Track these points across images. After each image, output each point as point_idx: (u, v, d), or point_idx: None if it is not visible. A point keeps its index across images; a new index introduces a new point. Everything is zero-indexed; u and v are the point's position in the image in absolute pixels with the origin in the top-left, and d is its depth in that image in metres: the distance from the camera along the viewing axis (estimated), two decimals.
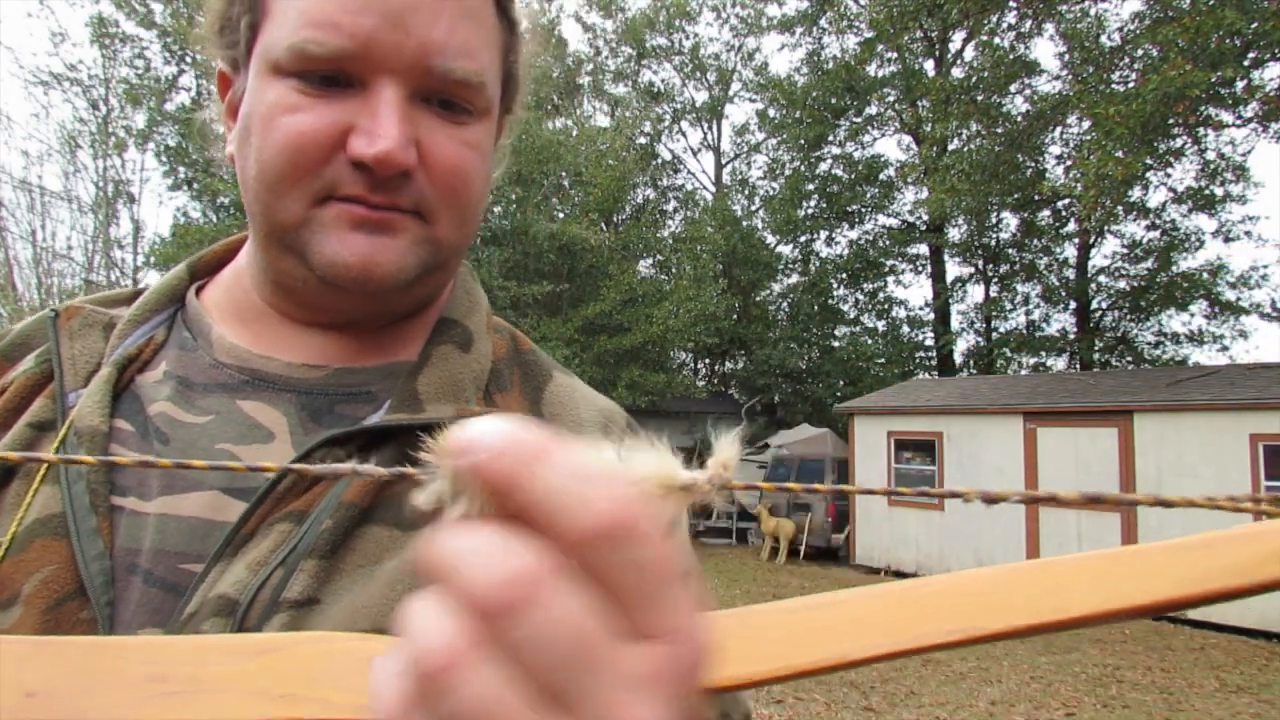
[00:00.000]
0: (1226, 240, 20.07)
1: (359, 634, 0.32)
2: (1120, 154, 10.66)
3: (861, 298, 25.01)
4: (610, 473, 0.25)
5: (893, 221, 24.61)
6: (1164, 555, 0.30)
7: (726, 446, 0.29)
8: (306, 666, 0.32)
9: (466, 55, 0.57)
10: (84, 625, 0.51)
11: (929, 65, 22.25)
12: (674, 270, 19.82)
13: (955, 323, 23.55)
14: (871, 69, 22.51)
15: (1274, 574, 0.29)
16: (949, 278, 23.37)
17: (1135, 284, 21.56)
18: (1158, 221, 20.75)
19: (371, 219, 0.57)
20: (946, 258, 23.51)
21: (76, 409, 0.57)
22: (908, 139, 23.41)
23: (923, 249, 23.95)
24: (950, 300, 22.97)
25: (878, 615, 0.30)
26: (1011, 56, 17.91)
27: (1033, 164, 19.02)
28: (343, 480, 0.55)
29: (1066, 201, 19.14)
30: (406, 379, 0.62)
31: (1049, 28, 17.74)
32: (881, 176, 23.92)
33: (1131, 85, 12.64)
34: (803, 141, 23.69)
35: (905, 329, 24.48)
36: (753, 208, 26.32)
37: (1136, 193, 18.86)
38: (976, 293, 24.47)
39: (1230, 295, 20.37)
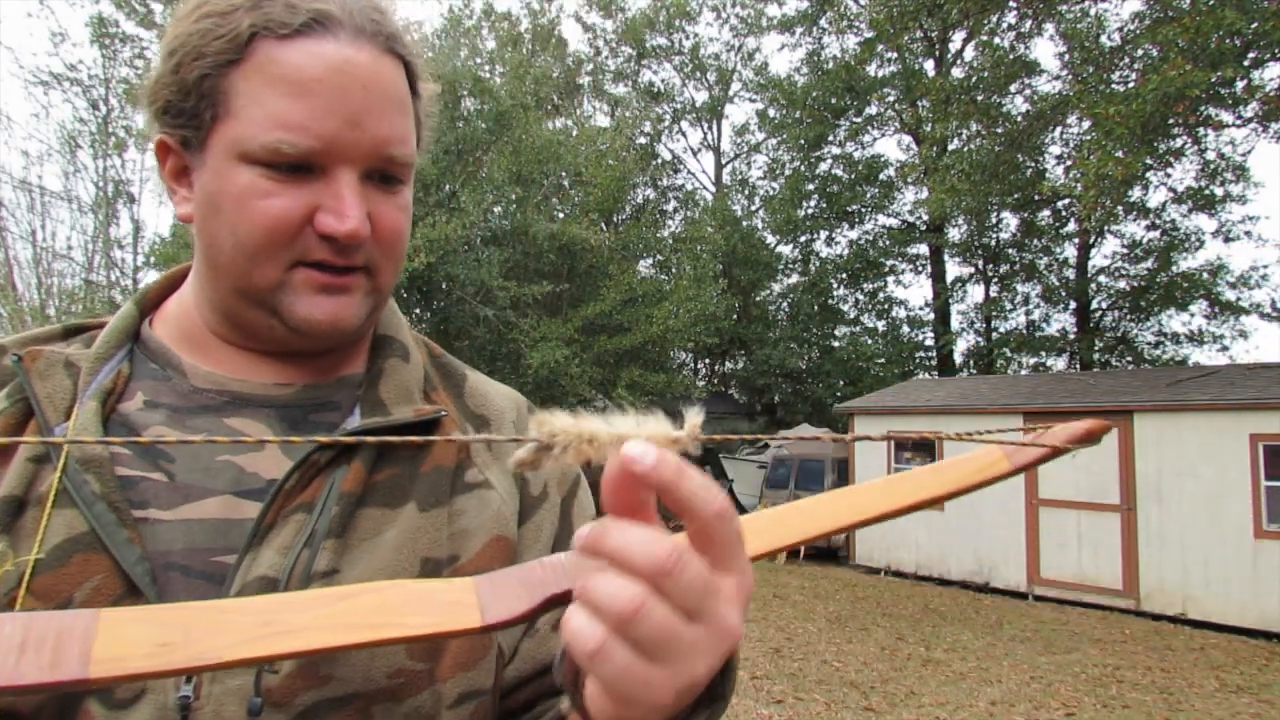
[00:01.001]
0: (1226, 240, 20.07)
1: (415, 579, 0.45)
2: (1120, 154, 10.65)
3: (861, 298, 25.01)
4: (709, 481, 0.42)
5: (893, 221, 24.61)
6: (926, 474, 0.54)
7: (694, 415, 0.44)
8: (381, 603, 0.42)
9: (403, 142, 0.70)
10: None
11: (929, 65, 22.24)
12: (674, 270, 19.81)
13: (955, 323, 23.56)
14: (871, 69, 22.50)
15: (983, 477, 0.54)
16: (949, 278, 23.37)
17: (1135, 284, 21.55)
18: (1158, 221, 20.75)
19: (334, 284, 0.69)
20: (946, 258, 23.50)
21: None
22: (908, 139, 23.40)
23: (923, 249, 23.94)
24: (950, 300, 22.97)
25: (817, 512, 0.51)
26: (1011, 56, 17.89)
27: (1033, 164, 19.00)
28: (340, 473, 0.68)
29: (1066, 201, 19.13)
30: (369, 388, 0.76)
31: (1049, 28, 17.74)
32: (881, 176, 23.91)
33: (1131, 85, 12.63)
34: (803, 141, 23.68)
35: (905, 329, 24.48)
36: (753, 208, 26.32)
37: (1136, 193, 18.86)
38: (976, 293, 24.48)
39: (1230, 295, 20.36)
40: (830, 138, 24.19)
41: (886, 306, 24.77)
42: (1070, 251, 22.52)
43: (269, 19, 0.65)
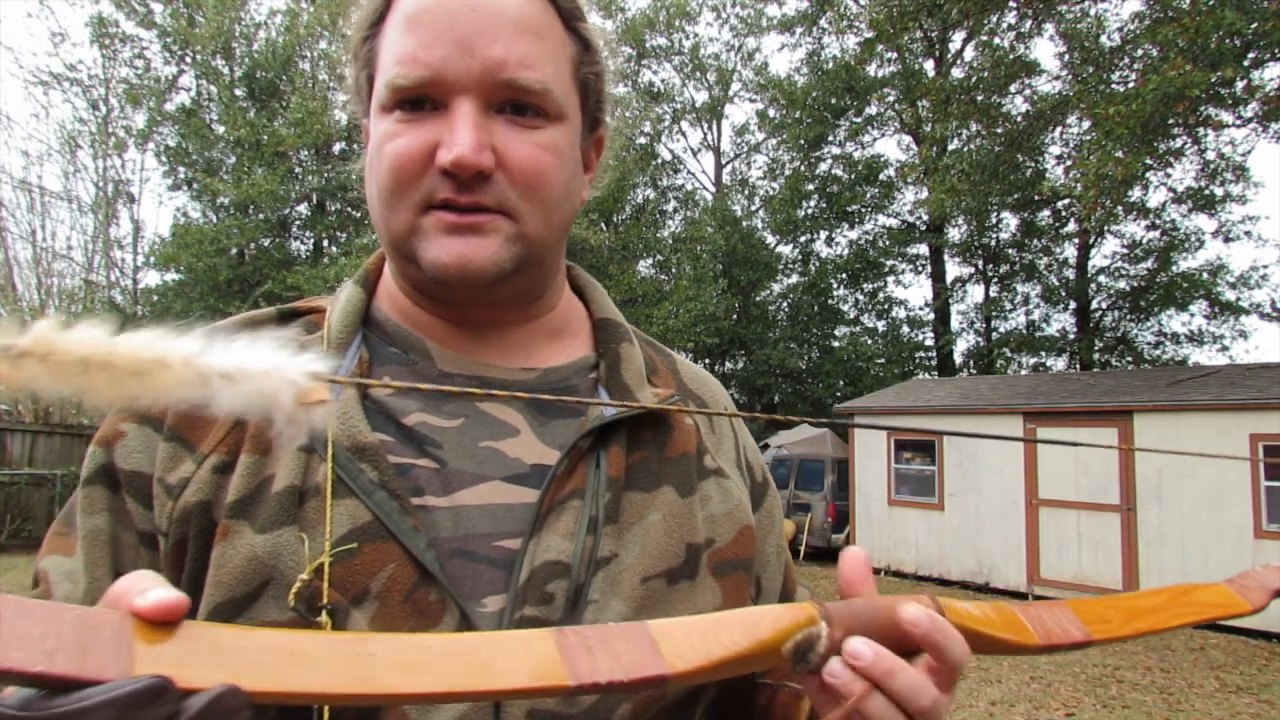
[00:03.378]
0: (1226, 240, 20.05)
1: None
2: (1120, 154, 10.65)
3: (861, 298, 24.98)
4: (962, 640, 0.54)
5: (893, 221, 24.59)
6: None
7: None
8: None
9: (526, 66, 0.66)
10: (435, 606, 0.61)
11: (929, 65, 22.23)
12: (674, 270, 19.83)
13: (955, 323, 23.54)
14: (871, 69, 22.47)
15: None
16: (949, 278, 23.35)
17: (1135, 284, 21.54)
18: (1158, 221, 20.73)
19: (461, 224, 0.66)
20: (946, 258, 23.48)
21: (339, 428, 0.65)
22: (908, 139, 23.39)
23: (923, 249, 23.92)
24: (950, 300, 22.95)
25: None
26: (1011, 56, 17.89)
27: (1033, 164, 18.99)
28: (602, 458, 0.69)
29: (1066, 201, 19.12)
30: (611, 373, 0.77)
31: (1049, 28, 17.73)
32: (881, 176, 23.88)
33: (1131, 85, 12.62)
34: (803, 141, 23.64)
35: (905, 329, 24.46)
36: (753, 208, 26.29)
37: (1136, 193, 18.84)
38: (976, 293, 24.46)
39: (1230, 295, 20.35)
40: (830, 138, 24.17)
41: (886, 306, 24.75)
42: (1070, 251, 22.51)
43: None
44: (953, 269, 23.76)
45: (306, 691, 0.38)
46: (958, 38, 20.99)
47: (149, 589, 0.38)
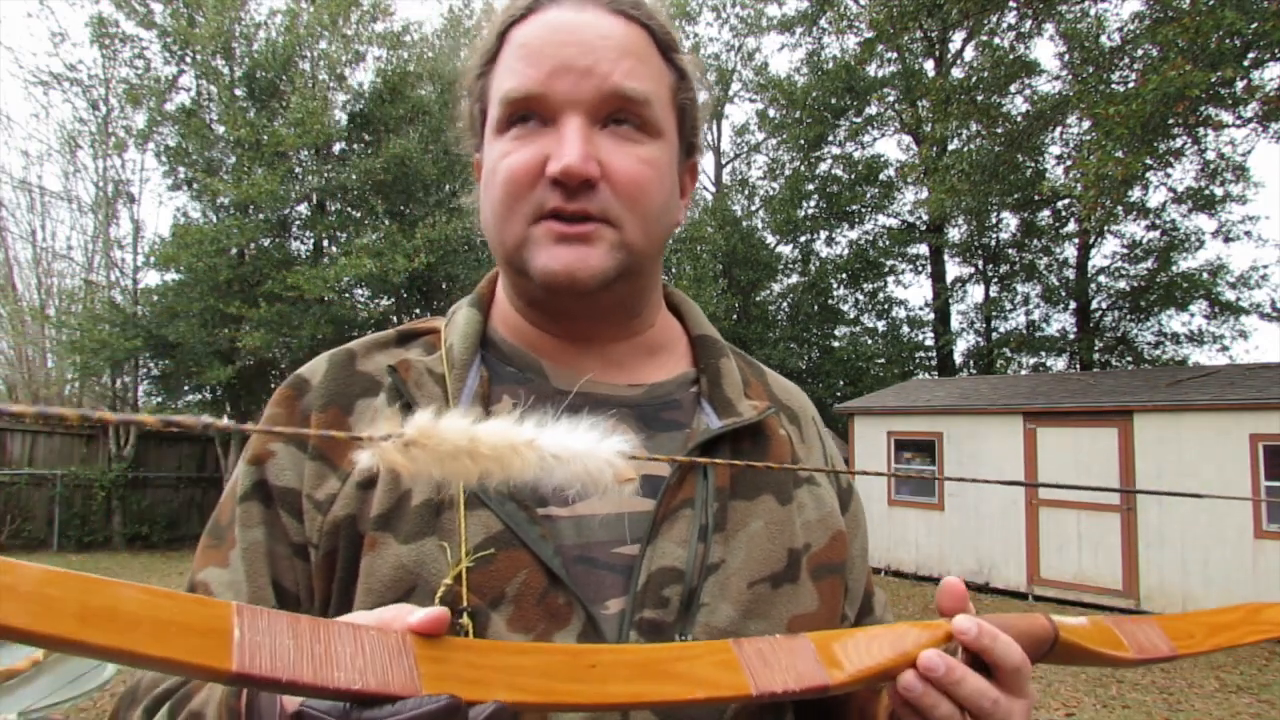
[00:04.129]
0: (1226, 240, 20.03)
1: None
2: (1120, 154, 10.64)
3: (861, 298, 24.97)
4: (1011, 643, 0.58)
5: (893, 221, 24.59)
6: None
7: None
8: None
9: (628, 77, 0.71)
10: (564, 609, 0.66)
11: (929, 65, 22.23)
12: (674, 270, 19.82)
13: (955, 323, 23.53)
14: (871, 69, 22.46)
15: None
16: (949, 278, 23.34)
17: (1135, 284, 21.52)
18: (1158, 221, 20.72)
19: (569, 233, 0.70)
20: (946, 258, 23.48)
21: None
22: (908, 139, 23.38)
23: (923, 249, 23.92)
24: (950, 300, 22.94)
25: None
26: (1011, 56, 17.88)
27: (1033, 164, 18.98)
28: (712, 470, 0.73)
29: (1066, 201, 19.12)
30: (714, 387, 0.80)
31: (1049, 28, 17.72)
32: (881, 176, 23.88)
33: (1131, 85, 12.61)
34: (803, 141, 23.64)
35: (905, 329, 24.45)
36: (753, 208, 26.29)
37: (1136, 193, 18.83)
38: (976, 293, 24.45)
39: (1230, 295, 20.33)
40: (830, 138, 24.16)
41: (886, 306, 24.74)
42: (1070, 251, 22.50)
43: (512, 12, 0.74)
44: (953, 269, 23.78)
45: (554, 702, 0.43)
46: (958, 38, 20.99)
47: (413, 609, 0.45)
